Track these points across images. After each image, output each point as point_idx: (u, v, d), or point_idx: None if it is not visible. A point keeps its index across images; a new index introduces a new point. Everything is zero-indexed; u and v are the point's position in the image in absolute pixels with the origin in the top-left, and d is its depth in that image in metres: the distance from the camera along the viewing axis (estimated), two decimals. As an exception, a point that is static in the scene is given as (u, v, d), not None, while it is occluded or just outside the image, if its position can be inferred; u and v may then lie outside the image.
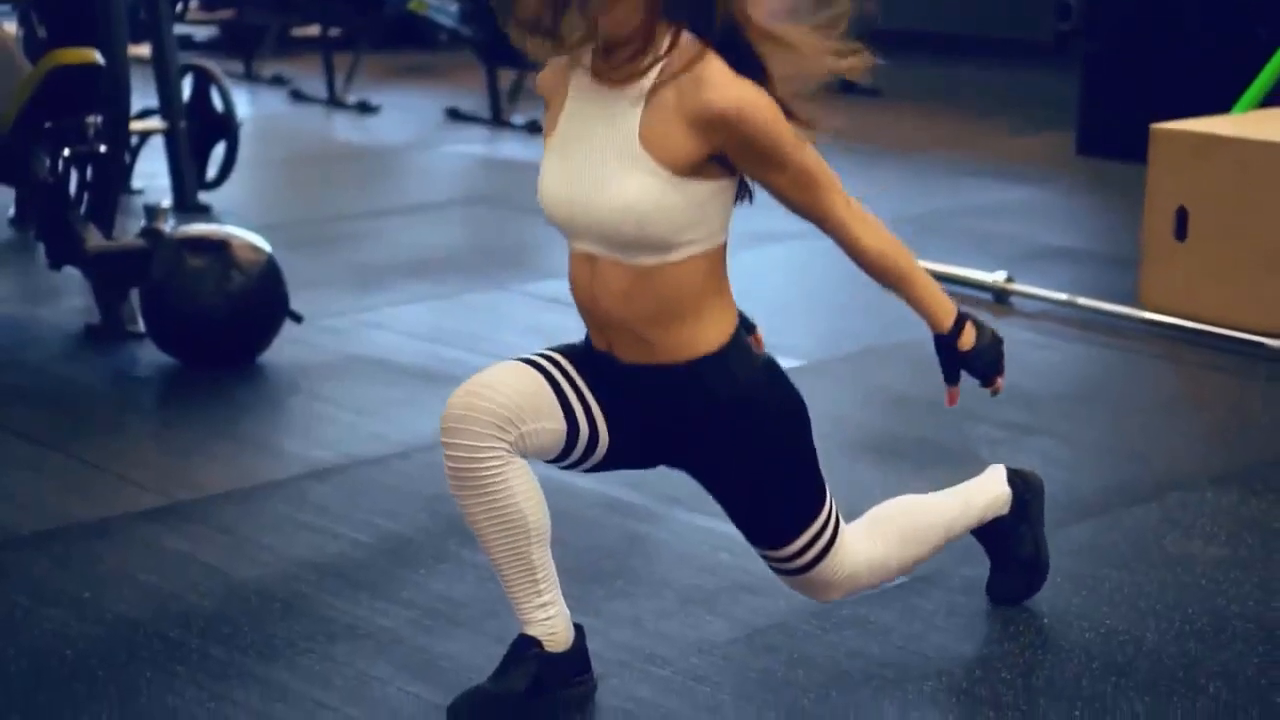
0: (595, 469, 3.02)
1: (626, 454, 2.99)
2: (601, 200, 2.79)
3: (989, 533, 3.42)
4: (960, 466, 4.24)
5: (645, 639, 3.31)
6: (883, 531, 3.21)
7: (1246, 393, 4.88)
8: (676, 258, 2.82)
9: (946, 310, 3.02)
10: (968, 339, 3.04)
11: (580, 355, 2.98)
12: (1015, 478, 3.45)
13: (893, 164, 8.25)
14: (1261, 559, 3.72)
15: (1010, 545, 3.43)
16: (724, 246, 2.91)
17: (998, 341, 3.09)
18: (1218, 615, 3.44)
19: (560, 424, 2.89)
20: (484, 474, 2.84)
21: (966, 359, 3.05)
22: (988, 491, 3.40)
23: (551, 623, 2.99)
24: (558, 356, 2.97)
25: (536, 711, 2.98)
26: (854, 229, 2.91)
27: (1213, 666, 3.23)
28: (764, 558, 3.12)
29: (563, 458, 2.96)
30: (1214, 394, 4.91)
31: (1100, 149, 8.14)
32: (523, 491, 2.87)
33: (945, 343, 3.05)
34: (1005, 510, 3.41)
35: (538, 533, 2.91)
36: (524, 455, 2.88)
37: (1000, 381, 3.12)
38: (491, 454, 2.83)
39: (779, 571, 3.12)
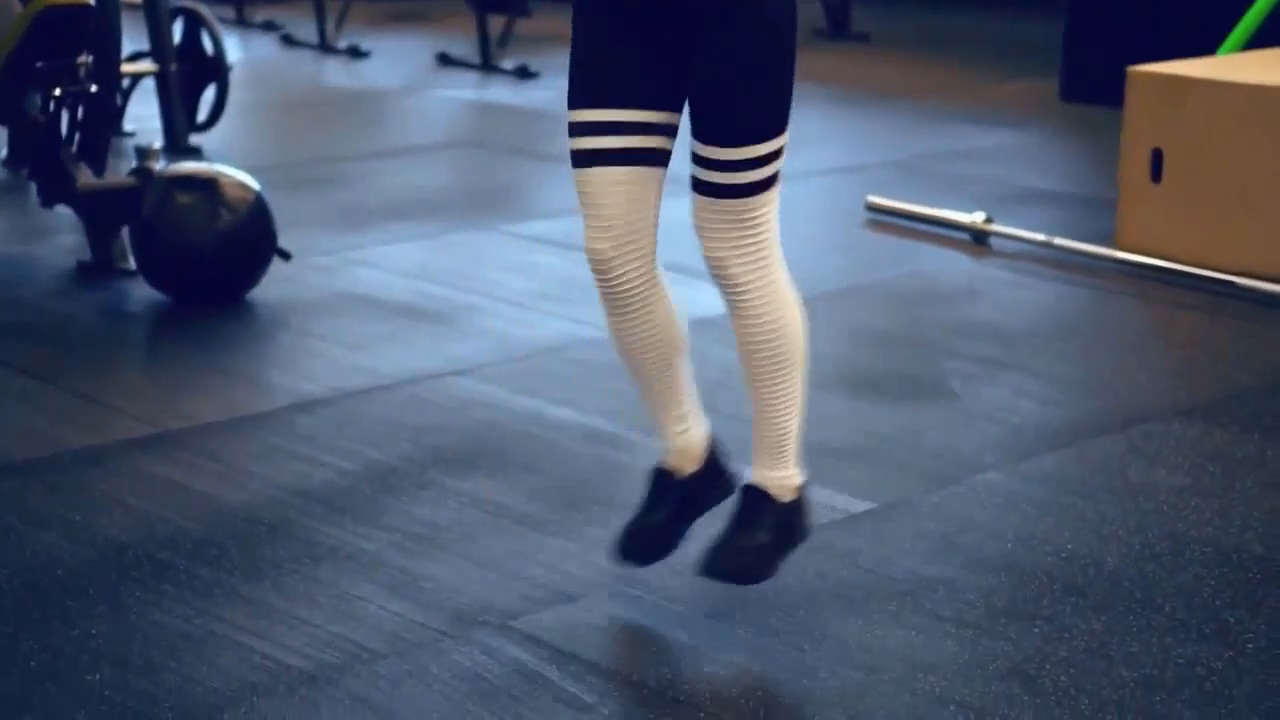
0: None
1: (680, 91, 3.05)
2: None
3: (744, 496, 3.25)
4: (933, 400, 4.35)
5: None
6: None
7: (1216, 330, 4.98)
8: None
9: None
10: None
11: (609, 55, 3.03)
12: (799, 504, 3.22)
13: (880, 109, 8.32)
14: (1222, 487, 3.82)
15: (764, 526, 3.18)
16: None
17: None
18: (1177, 540, 3.55)
19: (660, 182, 3.07)
20: (639, 298, 3.08)
21: None
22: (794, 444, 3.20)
23: (688, 435, 3.24)
24: (613, 115, 3.01)
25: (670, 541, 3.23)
26: None
27: (1170, 588, 3.33)
28: (718, 167, 3.01)
29: None
30: (1184, 332, 5.01)
31: (1083, 94, 8.22)
32: (668, 308, 3.14)
33: None
34: (787, 498, 3.18)
35: (682, 341, 3.18)
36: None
37: None
38: (641, 278, 3.07)
39: (724, 192, 3.02)
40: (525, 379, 4.45)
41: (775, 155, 3.06)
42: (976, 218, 5.85)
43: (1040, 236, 5.73)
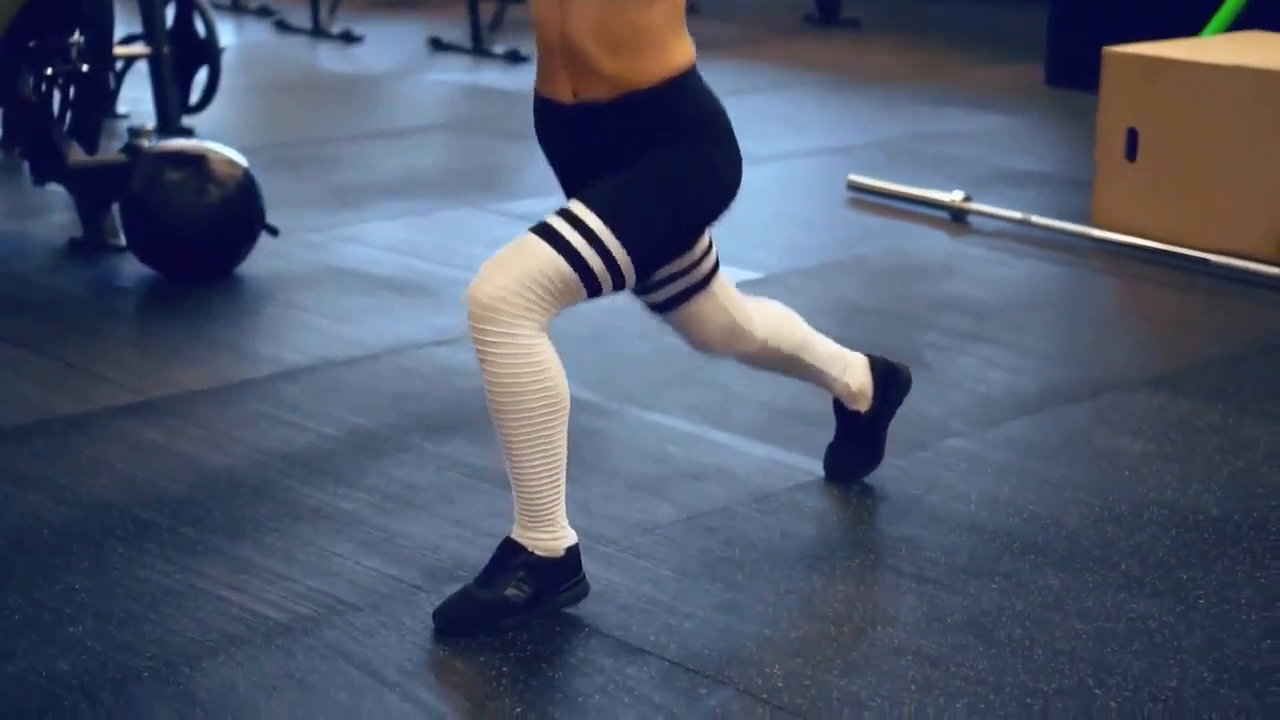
0: None
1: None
2: None
3: (843, 413, 3.67)
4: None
5: (592, 521, 3.49)
6: (763, 313, 3.48)
7: (1187, 305, 5.06)
8: None
9: None
10: None
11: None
12: (884, 372, 3.67)
13: (869, 93, 8.40)
14: (1184, 453, 3.91)
15: (858, 430, 3.67)
16: None
17: None
18: (1137, 502, 3.63)
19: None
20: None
21: None
22: (852, 376, 3.62)
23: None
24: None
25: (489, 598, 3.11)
26: None
27: (1127, 547, 3.42)
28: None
29: None
30: (1156, 307, 5.09)
31: (1068, 79, 8.30)
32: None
33: None
34: (864, 407, 3.65)
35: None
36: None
37: None
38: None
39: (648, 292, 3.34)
40: (506, 350, 4.52)
41: (678, 275, 3.24)
42: (956, 196, 5.93)
43: (1018, 214, 5.81)
